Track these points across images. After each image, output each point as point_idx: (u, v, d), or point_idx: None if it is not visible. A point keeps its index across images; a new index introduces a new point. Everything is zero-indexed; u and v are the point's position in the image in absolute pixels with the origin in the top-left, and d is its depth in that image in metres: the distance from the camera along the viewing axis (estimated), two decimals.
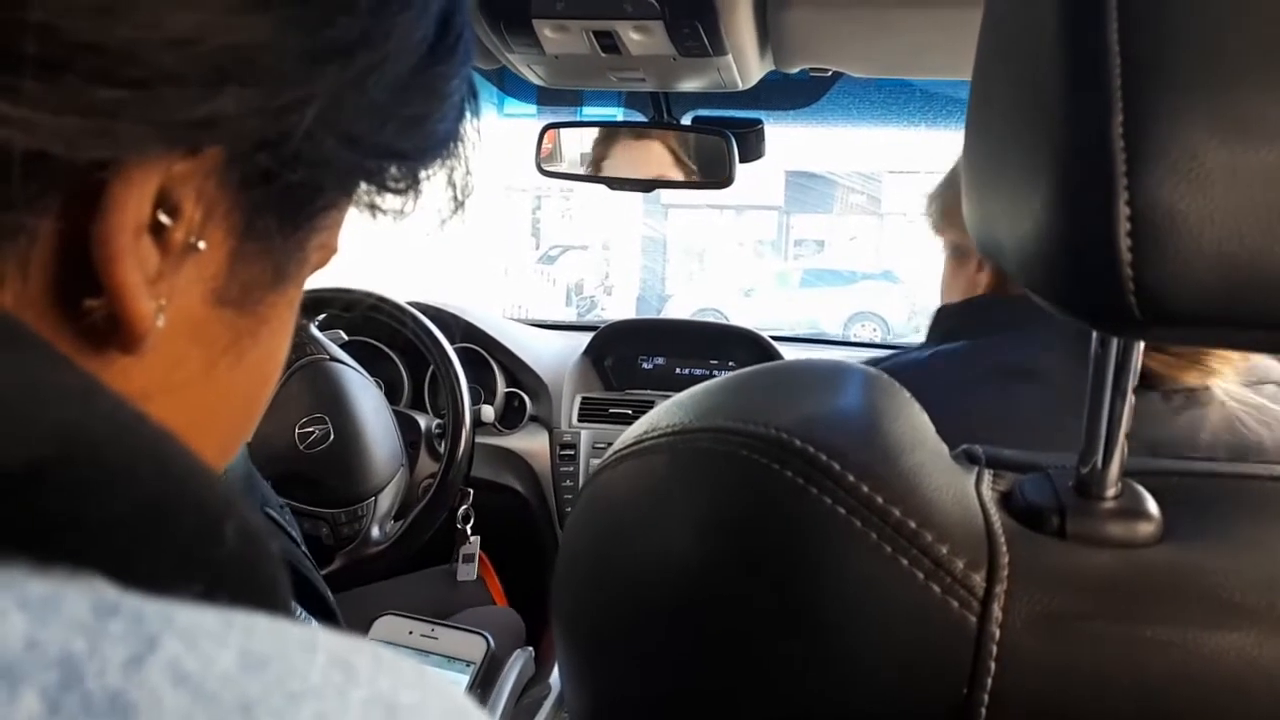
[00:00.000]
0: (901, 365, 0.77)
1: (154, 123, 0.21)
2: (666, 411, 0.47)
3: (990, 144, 0.39)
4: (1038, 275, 0.36)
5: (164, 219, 0.23)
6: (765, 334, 1.71)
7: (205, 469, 0.22)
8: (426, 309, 1.48)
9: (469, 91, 0.31)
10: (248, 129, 0.23)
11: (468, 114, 0.32)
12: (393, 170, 0.30)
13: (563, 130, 1.44)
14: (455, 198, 0.33)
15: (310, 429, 1.27)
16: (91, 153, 0.21)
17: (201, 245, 0.25)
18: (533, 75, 1.26)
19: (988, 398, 0.69)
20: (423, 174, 0.31)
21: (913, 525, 0.36)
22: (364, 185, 0.30)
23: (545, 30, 1.07)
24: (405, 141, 0.29)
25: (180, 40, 0.21)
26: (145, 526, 0.19)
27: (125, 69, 0.21)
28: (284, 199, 0.26)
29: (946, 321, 0.84)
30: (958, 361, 0.73)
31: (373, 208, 0.31)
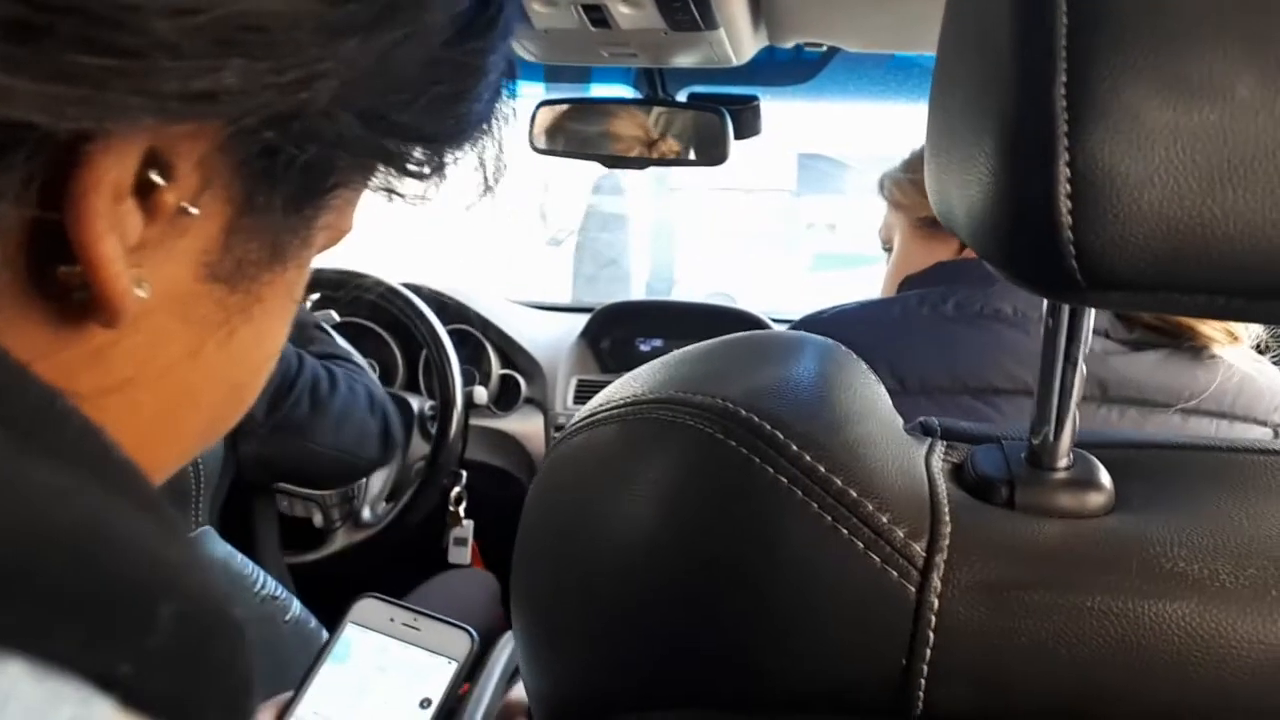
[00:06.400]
0: (860, 306, 0.77)
1: (146, 94, 0.20)
2: (622, 384, 0.46)
3: (949, 112, 0.39)
4: (986, 240, 0.35)
5: (157, 179, 0.22)
6: (768, 316, 1.69)
7: (144, 549, 0.20)
8: (420, 290, 1.48)
9: (507, 69, 0.29)
10: (254, 104, 0.21)
11: (504, 94, 0.29)
12: (416, 153, 0.27)
13: (557, 108, 1.43)
14: (485, 180, 0.31)
15: None
16: (75, 123, 0.19)
17: (194, 211, 0.23)
18: (524, 51, 1.25)
19: (965, 335, 0.69)
20: (449, 157, 0.29)
21: (853, 494, 0.36)
22: (382, 167, 0.28)
23: (534, 4, 1.06)
24: (433, 122, 0.26)
25: (179, 9, 0.19)
26: (48, 619, 0.18)
27: (114, 35, 0.19)
28: (291, 175, 0.24)
29: (914, 287, 0.82)
30: (928, 302, 0.72)
31: (389, 192, 0.29)
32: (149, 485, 0.22)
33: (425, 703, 0.54)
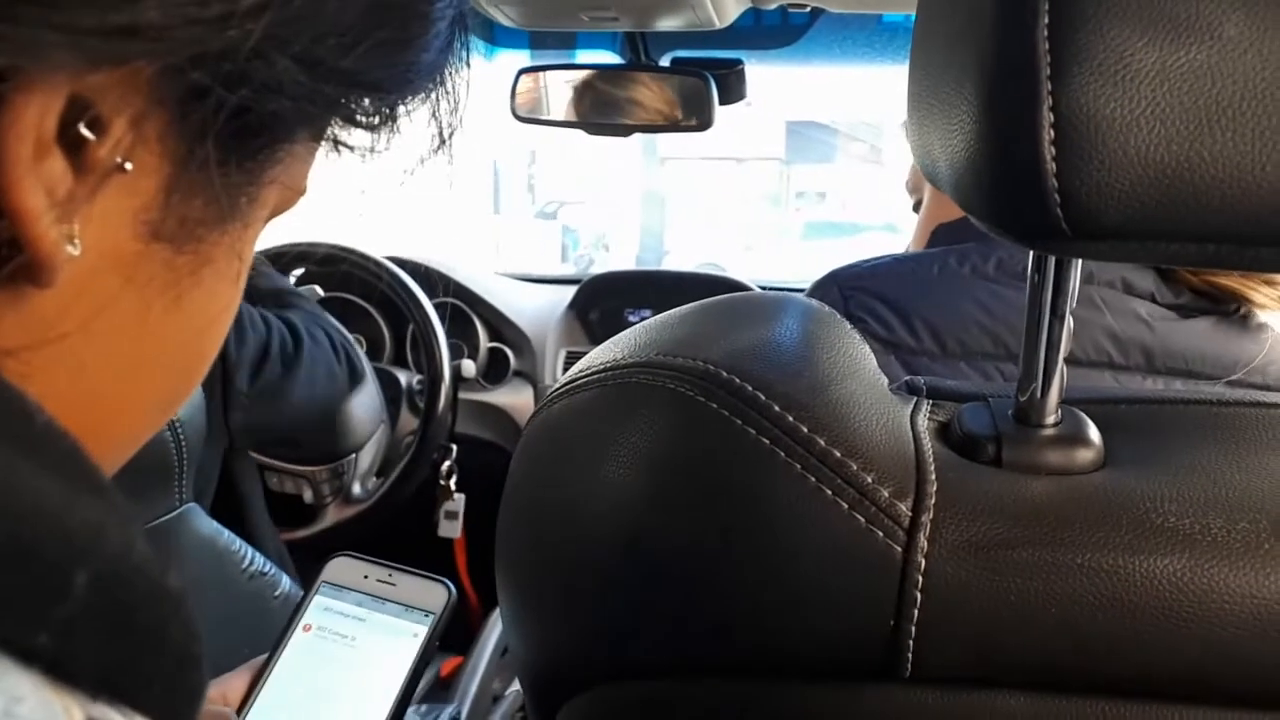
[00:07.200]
0: (896, 261, 0.74)
1: (60, 29, 0.18)
2: (603, 350, 0.46)
3: (930, 60, 0.38)
4: (969, 191, 0.35)
5: (86, 133, 0.21)
6: (759, 285, 1.68)
7: (55, 512, 0.19)
8: (406, 264, 1.46)
9: (459, 21, 0.28)
10: (180, 40, 0.20)
11: (456, 41, 0.28)
12: (365, 103, 0.26)
13: (540, 74, 1.41)
14: (440, 135, 0.30)
15: None
16: None
17: (128, 166, 0.22)
18: (501, 16, 1.22)
19: (1009, 297, 0.66)
20: (401, 108, 0.28)
21: (838, 454, 0.35)
22: (330, 119, 0.27)
23: None
24: (378, 70, 0.25)
25: None
26: None
27: None
28: (229, 125, 0.23)
29: (947, 238, 0.79)
30: (969, 261, 0.69)
31: (336, 143, 0.28)
32: (71, 445, 0.21)
33: (402, 657, 0.53)
